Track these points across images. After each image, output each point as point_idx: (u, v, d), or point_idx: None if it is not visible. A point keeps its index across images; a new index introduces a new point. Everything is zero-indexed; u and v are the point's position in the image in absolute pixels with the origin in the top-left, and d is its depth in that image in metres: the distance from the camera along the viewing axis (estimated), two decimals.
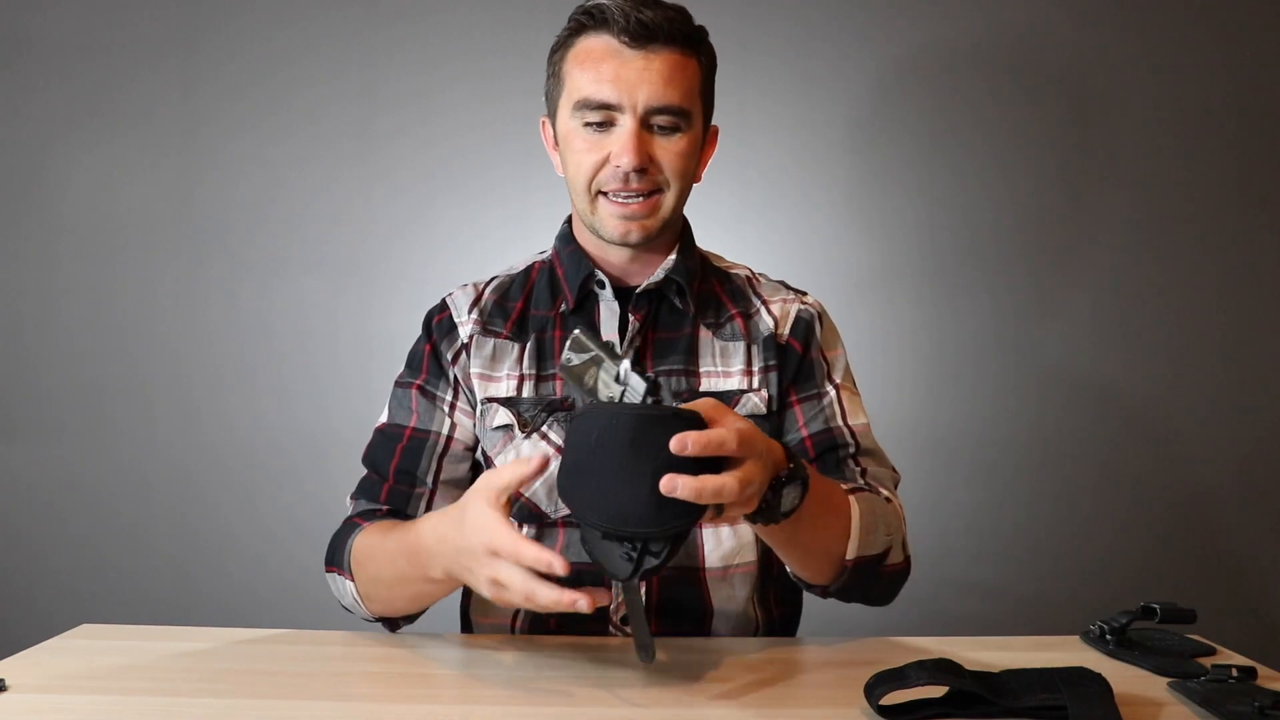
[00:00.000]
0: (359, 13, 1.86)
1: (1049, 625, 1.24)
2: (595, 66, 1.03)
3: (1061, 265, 1.85)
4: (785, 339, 1.14)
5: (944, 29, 1.84)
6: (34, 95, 1.87)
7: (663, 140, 1.05)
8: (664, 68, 1.02)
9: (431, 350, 1.15)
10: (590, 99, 1.03)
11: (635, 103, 1.02)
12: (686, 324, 1.13)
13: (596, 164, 1.05)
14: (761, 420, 1.11)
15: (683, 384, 1.11)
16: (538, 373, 1.12)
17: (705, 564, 1.08)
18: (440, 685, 0.89)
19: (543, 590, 0.78)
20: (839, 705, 0.82)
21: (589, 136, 1.05)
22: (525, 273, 1.19)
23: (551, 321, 1.13)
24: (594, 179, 1.06)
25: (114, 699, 0.83)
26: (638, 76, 1.02)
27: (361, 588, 1.02)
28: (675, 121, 1.04)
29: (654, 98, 1.02)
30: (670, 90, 1.03)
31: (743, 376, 1.12)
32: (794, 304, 1.17)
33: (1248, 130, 1.83)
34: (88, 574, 1.88)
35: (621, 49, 1.02)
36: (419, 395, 1.14)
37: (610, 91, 1.02)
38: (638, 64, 1.02)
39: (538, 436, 1.09)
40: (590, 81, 1.03)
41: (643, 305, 1.12)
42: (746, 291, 1.18)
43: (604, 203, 1.07)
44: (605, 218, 1.07)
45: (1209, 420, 1.84)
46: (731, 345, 1.13)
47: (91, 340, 1.88)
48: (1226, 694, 0.81)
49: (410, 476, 1.11)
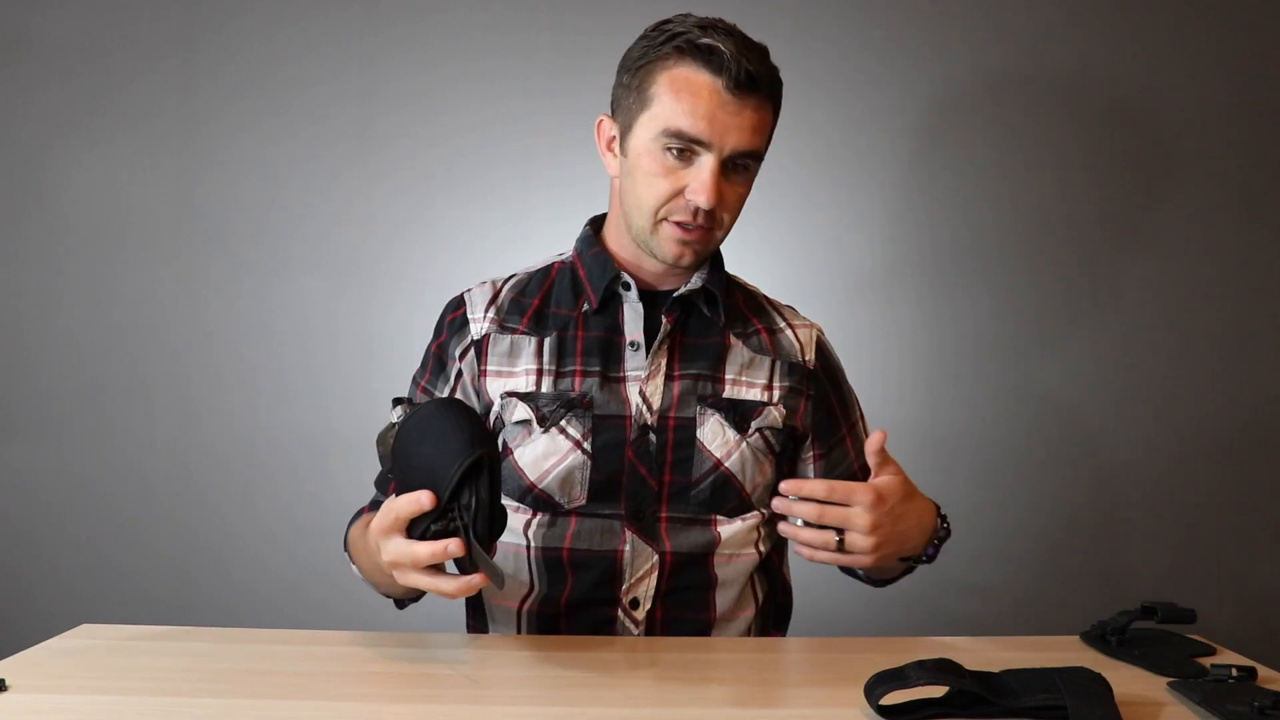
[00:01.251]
0: (359, 13, 1.86)
1: (1049, 625, 1.24)
2: (693, 101, 1.04)
3: (1061, 265, 1.85)
4: (814, 365, 1.21)
5: (945, 29, 1.84)
6: (34, 95, 1.87)
7: (732, 181, 1.08)
8: (754, 118, 1.06)
9: (439, 348, 1.19)
10: (683, 132, 1.04)
11: (723, 146, 1.05)
12: (715, 332, 1.17)
13: (670, 192, 1.07)
14: (776, 433, 1.16)
15: (707, 389, 1.14)
16: (557, 369, 1.14)
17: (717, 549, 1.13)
18: (441, 685, 0.89)
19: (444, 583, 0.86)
20: (839, 705, 0.83)
21: (668, 164, 1.07)
22: (545, 271, 1.22)
23: (574, 321, 1.16)
24: (664, 206, 1.08)
25: (114, 699, 0.83)
26: (731, 121, 1.04)
27: (361, 572, 1.11)
28: (748, 164, 1.09)
29: (741, 144, 1.06)
30: (755, 139, 1.07)
31: (764, 390, 1.16)
32: (810, 329, 1.24)
33: (1248, 130, 1.83)
34: (88, 574, 1.88)
35: (722, 91, 1.04)
36: (421, 396, 1.19)
37: (705, 129, 1.04)
38: (733, 108, 1.04)
39: (555, 431, 1.11)
40: (685, 114, 1.04)
41: (674, 310, 1.15)
42: (768, 309, 1.24)
43: (666, 227, 1.09)
44: (665, 241, 1.10)
45: (1209, 420, 1.84)
46: (758, 358, 1.18)
47: (91, 340, 1.88)
48: (1226, 694, 0.81)
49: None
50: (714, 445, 1.13)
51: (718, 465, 1.12)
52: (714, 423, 1.13)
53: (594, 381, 1.12)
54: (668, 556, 1.10)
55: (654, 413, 1.12)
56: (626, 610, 1.10)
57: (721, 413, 1.13)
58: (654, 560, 1.11)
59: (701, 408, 1.13)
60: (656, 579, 1.10)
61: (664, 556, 1.11)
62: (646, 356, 1.14)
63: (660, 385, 1.13)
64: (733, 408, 1.14)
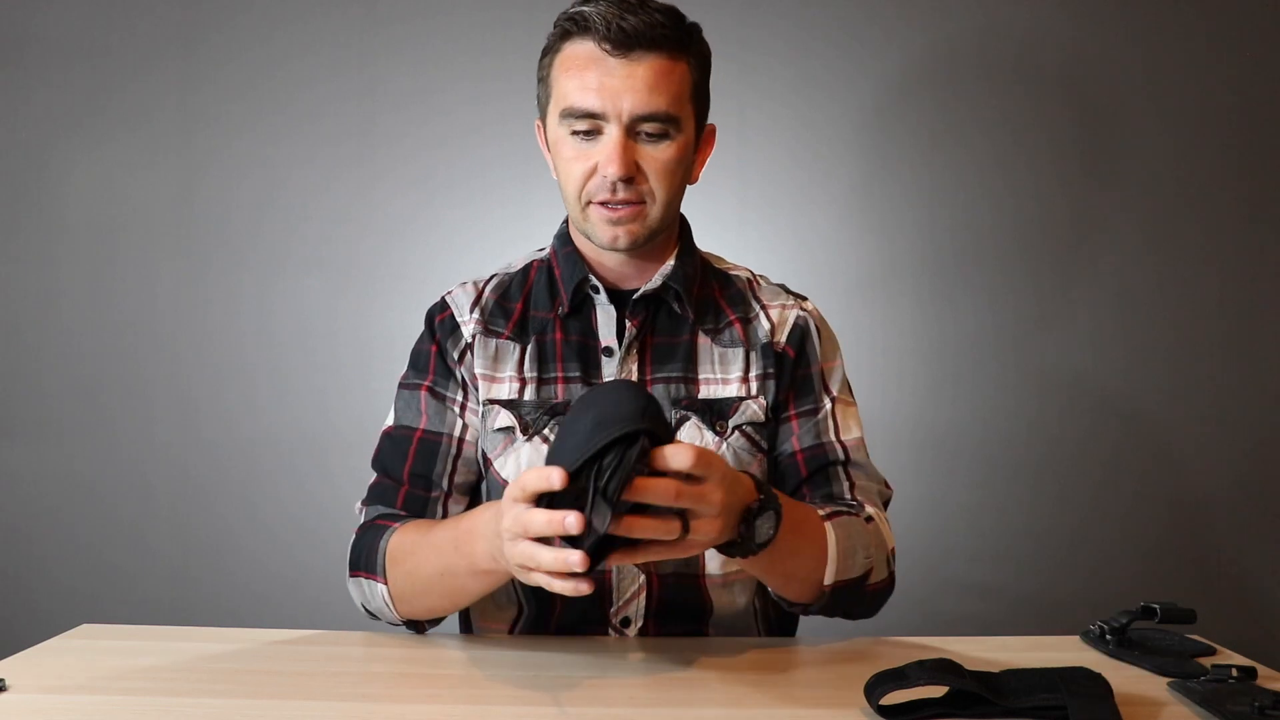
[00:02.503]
0: (359, 13, 1.86)
1: (1049, 625, 1.24)
2: (579, 74, 1.01)
3: (1061, 265, 1.85)
4: (782, 346, 1.13)
5: (945, 29, 1.83)
6: (34, 95, 1.87)
7: (650, 148, 1.03)
8: (648, 75, 1.00)
9: (438, 351, 1.14)
10: (575, 108, 1.02)
11: (620, 111, 1.00)
12: (685, 330, 1.12)
13: (585, 173, 1.04)
14: (759, 428, 1.10)
15: (681, 391, 1.09)
16: (539, 375, 1.10)
17: (705, 571, 1.08)
18: (441, 685, 0.89)
19: (542, 553, 0.77)
20: (839, 705, 0.83)
21: (577, 145, 1.04)
22: (524, 272, 1.18)
23: (551, 324, 1.12)
24: (584, 188, 1.05)
25: (114, 699, 0.83)
26: (621, 85, 1.00)
27: (395, 587, 1.01)
28: (663, 128, 1.02)
29: (639, 106, 1.00)
30: (655, 97, 1.01)
31: (740, 384, 1.11)
32: (792, 310, 1.16)
33: (1248, 130, 1.83)
34: (88, 574, 1.88)
35: (605, 57, 1.00)
36: (428, 396, 1.12)
37: (595, 100, 1.01)
38: (621, 72, 1.00)
39: (539, 440, 1.08)
40: (575, 90, 1.01)
41: (640, 310, 1.11)
42: (746, 295, 1.17)
43: (594, 210, 1.05)
44: (595, 224, 1.06)
45: (1209, 420, 1.84)
46: (730, 352, 1.12)
47: (91, 340, 1.88)
48: (1226, 694, 0.81)
49: (425, 480, 1.09)
50: None
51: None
52: (690, 426, 1.08)
53: (577, 389, 1.09)
54: (654, 578, 1.06)
55: None
56: (618, 630, 1.07)
57: (698, 414, 1.08)
58: (640, 581, 1.07)
59: (677, 411, 1.08)
60: (645, 599, 1.07)
61: (650, 578, 1.07)
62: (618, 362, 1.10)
63: None
64: (708, 408, 1.09)
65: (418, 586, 0.99)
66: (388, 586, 1.01)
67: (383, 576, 1.01)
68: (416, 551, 0.99)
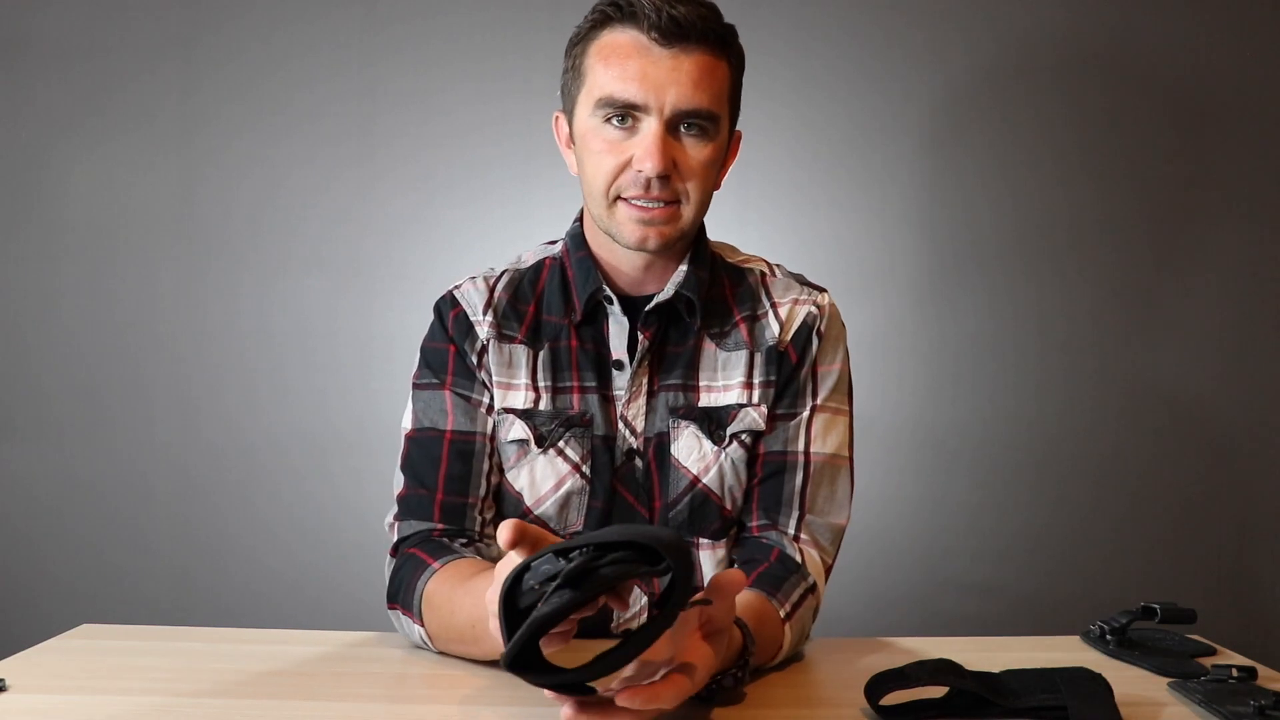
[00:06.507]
0: (359, 13, 1.86)
1: (1049, 625, 1.24)
2: (621, 63, 0.96)
3: (1061, 265, 1.84)
4: (785, 346, 1.08)
5: (944, 29, 1.83)
6: (34, 95, 1.87)
7: (688, 146, 0.99)
8: (694, 69, 0.96)
9: (456, 352, 1.08)
10: (614, 98, 0.96)
11: (663, 105, 0.96)
12: (691, 336, 1.08)
13: (617, 167, 0.99)
14: (758, 436, 1.07)
15: (680, 399, 1.06)
16: (554, 384, 1.07)
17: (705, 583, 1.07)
18: (441, 685, 0.89)
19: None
20: (839, 705, 0.83)
21: (610, 137, 0.99)
22: (536, 269, 1.12)
23: (565, 330, 1.08)
24: (613, 183, 1.00)
25: (114, 699, 0.83)
26: (667, 77, 0.95)
27: (430, 629, 0.97)
28: (703, 126, 0.98)
29: (683, 100, 0.96)
30: (700, 93, 0.96)
31: (742, 389, 1.07)
32: (804, 306, 1.10)
33: (1249, 130, 1.83)
34: (88, 574, 1.88)
35: (650, 46, 0.96)
36: (453, 396, 1.07)
37: (636, 91, 0.96)
38: (667, 63, 0.95)
39: (554, 452, 1.05)
40: (615, 79, 0.96)
41: (653, 322, 1.06)
42: (757, 291, 1.12)
43: (622, 207, 1.00)
44: (623, 222, 1.01)
45: (1208, 420, 1.84)
46: (734, 356, 1.07)
47: (91, 340, 1.88)
48: (1226, 694, 0.81)
49: (462, 484, 1.05)
50: (690, 460, 1.05)
51: (695, 482, 1.05)
52: (689, 435, 1.05)
53: (594, 399, 1.05)
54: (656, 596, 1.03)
55: (638, 436, 1.06)
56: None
57: (696, 423, 1.05)
58: (643, 602, 1.05)
59: (674, 420, 1.05)
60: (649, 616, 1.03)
61: (653, 596, 1.04)
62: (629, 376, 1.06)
63: (642, 405, 1.06)
64: (707, 416, 1.05)
65: (452, 636, 0.95)
66: (424, 629, 0.98)
67: (419, 618, 0.98)
68: (447, 607, 0.95)
